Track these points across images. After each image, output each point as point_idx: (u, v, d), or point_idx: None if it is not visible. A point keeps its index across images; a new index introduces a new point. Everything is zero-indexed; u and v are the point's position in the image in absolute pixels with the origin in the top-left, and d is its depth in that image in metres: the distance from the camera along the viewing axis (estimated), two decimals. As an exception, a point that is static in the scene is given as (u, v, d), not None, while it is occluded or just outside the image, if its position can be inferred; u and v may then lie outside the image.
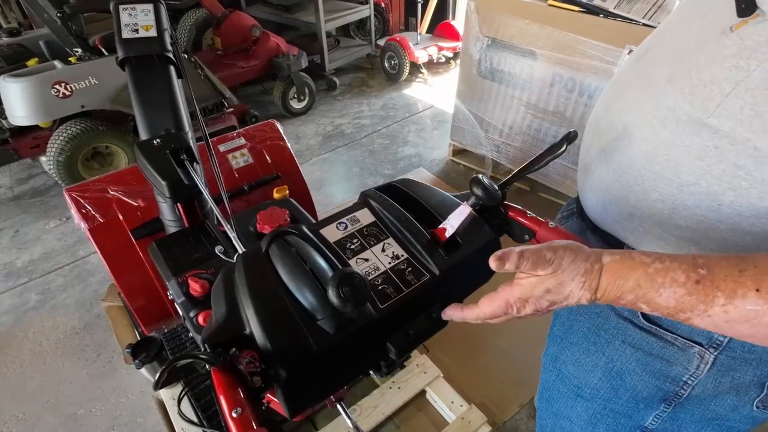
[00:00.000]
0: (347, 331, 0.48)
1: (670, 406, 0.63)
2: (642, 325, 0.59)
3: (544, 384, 0.82)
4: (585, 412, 0.72)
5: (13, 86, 2.19)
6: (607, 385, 0.67)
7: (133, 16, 1.00)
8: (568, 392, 0.74)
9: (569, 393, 0.74)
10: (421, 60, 3.67)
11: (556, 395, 0.78)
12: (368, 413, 1.43)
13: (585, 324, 0.68)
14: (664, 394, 0.62)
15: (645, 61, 0.56)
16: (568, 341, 0.72)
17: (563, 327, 0.73)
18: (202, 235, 0.87)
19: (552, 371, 0.77)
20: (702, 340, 0.55)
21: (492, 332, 1.79)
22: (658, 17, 1.70)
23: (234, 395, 0.43)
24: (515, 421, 1.52)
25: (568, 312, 0.71)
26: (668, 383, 0.60)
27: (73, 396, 1.66)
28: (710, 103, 0.45)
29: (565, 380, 0.74)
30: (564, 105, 2.12)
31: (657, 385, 0.61)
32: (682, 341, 0.56)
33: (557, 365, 0.75)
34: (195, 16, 3.54)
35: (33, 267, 2.21)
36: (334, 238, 0.57)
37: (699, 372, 0.57)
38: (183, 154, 0.82)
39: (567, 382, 0.74)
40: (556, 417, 0.79)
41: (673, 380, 0.60)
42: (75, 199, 1.29)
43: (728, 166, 0.45)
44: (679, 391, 0.60)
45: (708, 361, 0.55)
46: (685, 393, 0.60)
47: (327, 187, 2.73)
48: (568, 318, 0.71)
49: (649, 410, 0.65)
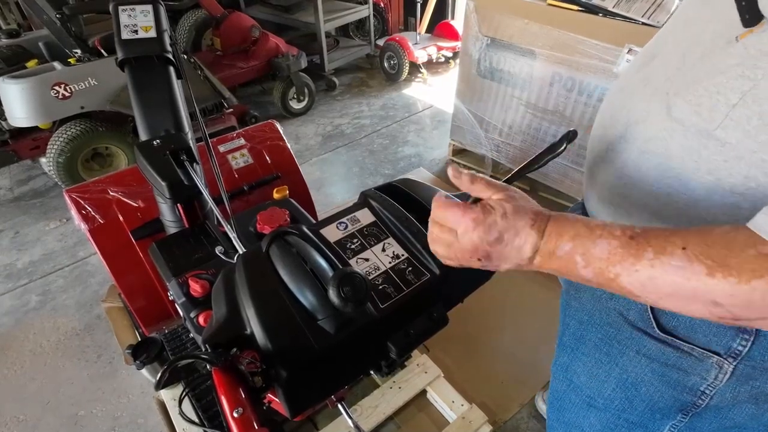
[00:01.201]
0: (348, 330, 0.48)
1: (687, 416, 0.61)
2: (657, 335, 0.58)
3: (554, 393, 0.80)
4: (598, 422, 0.71)
5: (12, 87, 2.19)
6: (621, 396, 0.65)
7: (132, 17, 1.00)
8: (580, 402, 0.73)
9: (581, 403, 0.72)
10: (420, 60, 3.67)
11: (567, 405, 0.76)
12: (369, 413, 1.43)
13: (597, 334, 0.66)
14: (682, 404, 0.60)
15: (651, 69, 0.55)
16: (579, 351, 0.70)
17: (573, 337, 0.71)
18: (203, 236, 0.87)
19: (563, 381, 0.76)
20: (720, 350, 0.53)
21: (493, 332, 1.79)
22: (657, 16, 1.70)
23: (235, 395, 0.43)
24: (516, 421, 1.52)
25: (578, 323, 0.69)
26: (686, 393, 0.59)
27: (74, 397, 1.66)
28: (717, 114, 0.44)
29: (577, 390, 0.72)
30: (564, 104, 2.12)
31: (674, 395, 0.60)
32: (699, 351, 0.55)
33: (568, 375, 0.74)
34: (194, 17, 3.54)
35: (33, 268, 2.21)
36: (335, 238, 0.57)
37: (717, 382, 0.55)
38: (183, 155, 0.82)
39: (579, 393, 0.72)
40: (568, 426, 0.77)
41: (691, 390, 0.58)
42: (75, 200, 1.29)
43: (739, 180, 0.44)
44: (696, 402, 0.59)
45: (727, 371, 0.54)
46: (704, 403, 0.58)
47: (327, 187, 2.73)
48: (578, 328, 0.70)
49: (666, 420, 0.63)
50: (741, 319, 0.39)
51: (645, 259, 0.40)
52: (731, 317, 0.39)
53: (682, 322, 0.55)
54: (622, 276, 0.42)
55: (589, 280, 0.44)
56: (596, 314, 0.65)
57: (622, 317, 0.62)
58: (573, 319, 0.71)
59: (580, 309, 0.68)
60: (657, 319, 0.57)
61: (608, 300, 0.63)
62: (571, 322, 0.71)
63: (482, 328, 1.79)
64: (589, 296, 0.66)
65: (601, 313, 0.64)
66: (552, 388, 0.81)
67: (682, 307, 0.41)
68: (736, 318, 0.39)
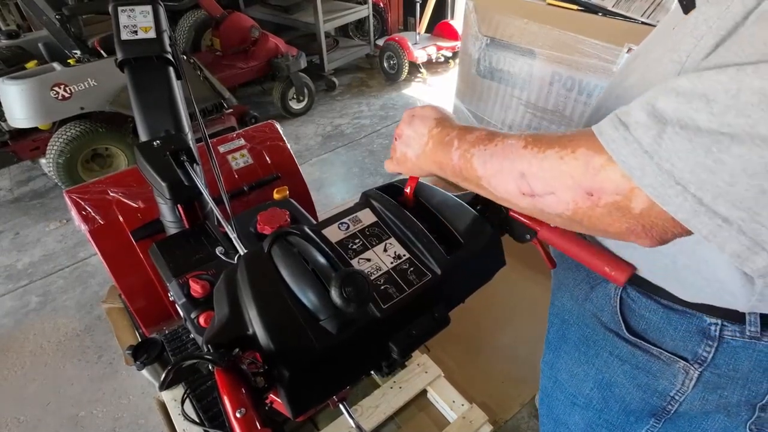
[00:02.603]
0: (350, 331, 0.48)
1: (660, 422, 0.62)
2: (627, 337, 0.59)
3: (543, 390, 0.82)
4: (582, 420, 0.72)
5: (12, 88, 2.19)
6: (598, 396, 0.67)
7: (131, 17, 1.00)
8: (565, 400, 0.74)
9: (566, 401, 0.74)
10: (420, 60, 3.67)
11: (554, 402, 0.78)
12: (370, 413, 1.43)
13: (576, 333, 0.67)
14: (652, 408, 0.61)
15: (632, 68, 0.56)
16: (561, 350, 0.72)
17: (557, 335, 0.73)
18: (203, 236, 0.87)
19: (549, 378, 0.77)
20: (687, 355, 0.54)
21: (493, 332, 1.79)
22: (657, 15, 1.70)
23: (238, 396, 0.43)
24: (516, 420, 1.53)
25: (561, 321, 0.71)
26: (655, 397, 0.60)
27: (74, 398, 1.66)
28: None
29: (561, 388, 0.74)
30: (563, 104, 2.12)
31: (644, 398, 0.61)
32: (667, 355, 0.56)
33: (553, 372, 0.75)
34: (194, 17, 3.54)
35: (33, 269, 2.21)
36: (336, 239, 0.57)
37: (685, 388, 0.56)
38: (183, 156, 0.82)
39: (563, 390, 0.74)
40: (556, 423, 0.79)
41: (660, 395, 0.59)
42: (75, 201, 1.29)
43: None
44: (666, 407, 0.60)
45: (693, 377, 0.55)
46: (673, 408, 0.59)
47: (327, 187, 2.73)
48: (561, 327, 0.71)
49: (640, 424, 0.64)
50: (536, 193, 0.41)
51: (496, 141, 0.45)
52: (530, 191, 0.41)
53: (651, 325, 0.56)
54: (475, 156, 0.47)
55: (455, 164, 0.49)
56: (575, 314, 0.67)
57: (596, 318, 0.63)
58: (557, 317, 0.72)
59: (562, 308, 0.70)
60: (626, 322, 0.58)
61: (584, 301, 0.64)
62: (555, 320, 0.73)
63: (482, 328, 1.79)
64: (568, 296, 0.68)
65: (579, 314, 0.66)
66: (541, 384, 0.83)
67: (503, 183, 0.44)
68: (533, 192, 0.41)
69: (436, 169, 0.54)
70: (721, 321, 0.51)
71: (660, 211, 0.34)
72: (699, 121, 0.30)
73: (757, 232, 0.31)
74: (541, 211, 0.42)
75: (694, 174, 0.31)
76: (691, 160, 0.31)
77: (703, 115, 0.30)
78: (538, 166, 0.40)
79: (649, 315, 0.56)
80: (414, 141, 0.56)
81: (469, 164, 0.47)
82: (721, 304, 0.50)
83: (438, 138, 0.53)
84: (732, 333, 0.50)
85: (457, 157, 0.49)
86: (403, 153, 0.58)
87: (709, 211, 0.32)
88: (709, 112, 0.30)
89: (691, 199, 0.32)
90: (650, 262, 0.53)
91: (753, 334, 0.50)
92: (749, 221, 0.31)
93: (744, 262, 0.33)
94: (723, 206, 0.31)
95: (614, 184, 0.35)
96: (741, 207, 0.31)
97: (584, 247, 0.55)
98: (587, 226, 0.40)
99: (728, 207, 0.31)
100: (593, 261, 0.54)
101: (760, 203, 0.30)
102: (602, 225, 0.38)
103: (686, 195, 0.32)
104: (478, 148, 0.47)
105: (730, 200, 0.31)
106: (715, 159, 0.30)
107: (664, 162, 0.32)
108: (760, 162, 0.29)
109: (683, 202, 0.32)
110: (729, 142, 0.29)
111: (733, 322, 0.50)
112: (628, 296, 0.58)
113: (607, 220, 0.37)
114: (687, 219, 0.33)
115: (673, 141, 0.32)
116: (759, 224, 0.31)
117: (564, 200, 0.38)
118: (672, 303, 0.54)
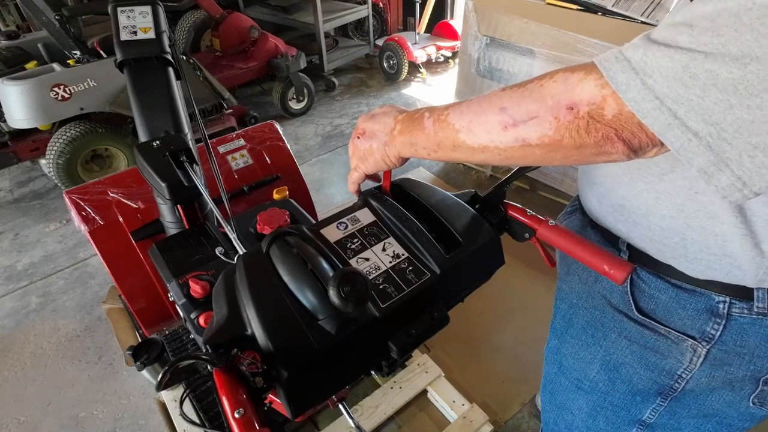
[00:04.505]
0: (349, 330, 0.48)
1: (666, 400, 0.63)
2: (636, 318, 0.60)
3: (546, 377, 0.83)
4: (586, 404, 0.73)
5: (12, 89, 2.19)
6: (605, 378, 0.68)
7: (131, 18, 1.00)
8: (569, 385, 0.75)
9: (570, 386, 0.75)
10: (419, 60, 3.67)
11: (558, 388, 0.79)
12: (370, 413, 1.43)
13: (584, 317, 0.68)
14: (660, 387, 0.62)
15: None
16: (567, 334, 0.73)
17: (563, 320, 0.74)
18: (203, 237, 0.87)
19: (554, 364, 0.78)
20: (695, 333, 0.55)
21: (493, 331, 1.79)
22: (656, 15, 1.70)
23: (236, 396, 0.43)
24: (517, 420, 1.52)
25: (568, 306, 0.72)
26: (663, 376, 0.61)
27: (75, 399, 1.66)
28: None
29: (566, 373, 0.75)
30: (563, 103, 2.12)
31: (652, 378, 0.62)
32: (675, 334, 0.57)
33: (558, 358, 0.76)
34: (193, 18, 3.53)
35: (33, 270, 2.21)
36: (335, 238, 0.57)
37: (692, 366, 0.57)
38: (182, 156, 0.82)
39: (568, 375, 0.75)
40: (559, 410, 0.80)
41: (668, 373, 0.60)
42: (75, 202, 1.29)
43: None
44: (673, 385, 0.61)
45: (701, 355, 0.56)
46: (680, 387, 0.61)
47: (327, 187, 2.73)
48: (568, 311, 0.72)
49: (646, 403, 0.65)
50: (518, 121, 0.42)
51: (470, 99, 0.48)
52: (512, 122, 0.43)
53: (660, 305, 0.58)
54: (450, 113, 0.49)
55: (429, 131, 0.51)
56: (584, 297, 0.68)
57: (605, 300, 0.64)
58: (564, 302, 0.73)
59: (570, 292, 0.71)
60: (636, 302, 0.60)
61: (594, 283, 0.65)
62: (562, 305, 0.74)
63: (482, 328, 1.79)
64: (576, 279, 0.69)
65: (588, 296, 0.67)
66: (544, 371, 0.84)
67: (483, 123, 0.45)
68: (515, 121, 0.43)
69: (406, 149, 0.55)
70: (729, 298, 0.52)
71: (628, 114, 0.36)
72: (680, 42, 0.34)
73: (723, 148, 0.34)
74: (523, 141, 0.43)
75: (672, 88, 0.34)
76: (670, 76, 0.34)
77: (685, 36, 0.33)
78: (519, 96, 0.43)
79: (658, 295, 0.57)
80: (379, 131, 0.57)
81: (445, 123, 0.49)
82: (730, 280, 0.51)
83: (406, 119, 0.55)
84: (740, 310, 0.52)
85: (430, 123, 0.51)
86: (368, 147, 0.59)
87: (682, 125, 0.34)
88: (690, 34, 0.33)
89: (666, 113, 0.35)
90: (660, 239, 0.54)
91: (761, 310, 0.51)
92: (716, 137, 0.34)
93: (710, 179, 0.36)
94: (693, 120, 0.34)
95: (589, 93, 0.38)
96: (710, 121, 0.33)
97: (583, 246, 0.55)
98: (568, 144, 0.40)
99: (698, 121, 0.34)
100: (592, 259, 0.54)
101: (727, 119, 0.33)
102: (581, 138, 0.40)
103: (663, 108, 0.35)
104: (452, 108, 0.49)
105: (700, 114, 0.33)
106: (690, 74, 0.33)
107: (647, 78, 0.35)
108: (728, 78, 0.31)
109: (659, 115, 0.35)
110: (703, 59, 0.32)
111: (741, 299, 0.51)
112: (638, 277, 0.59)
113: (586, 131, 0.39)
114: (661, 132, 0.35)
115: (657, 58, 0.35)
116: (725, 141, 0.33)
117: (547, 120, 0.41)
118: (681, 282, 0.55)
